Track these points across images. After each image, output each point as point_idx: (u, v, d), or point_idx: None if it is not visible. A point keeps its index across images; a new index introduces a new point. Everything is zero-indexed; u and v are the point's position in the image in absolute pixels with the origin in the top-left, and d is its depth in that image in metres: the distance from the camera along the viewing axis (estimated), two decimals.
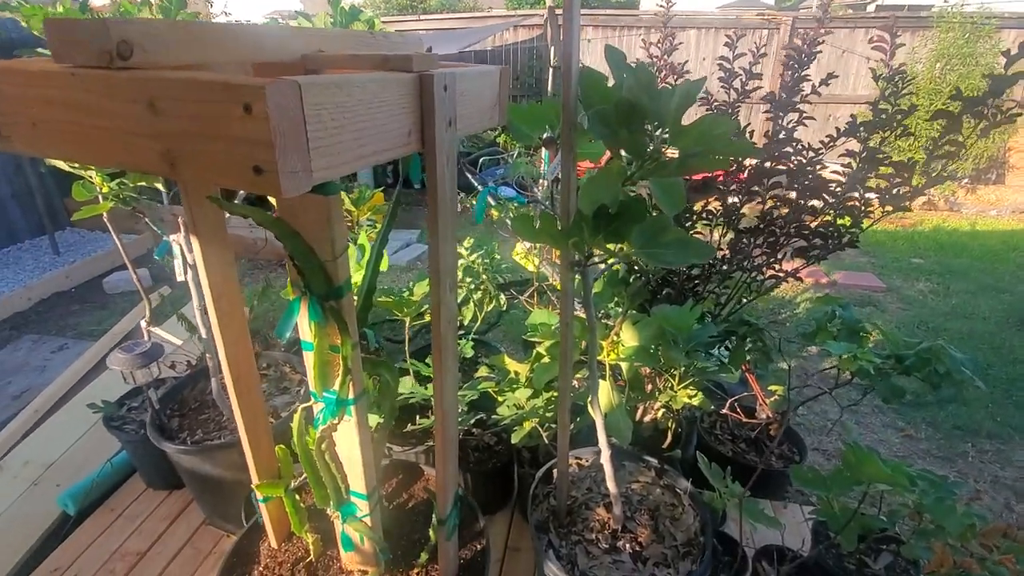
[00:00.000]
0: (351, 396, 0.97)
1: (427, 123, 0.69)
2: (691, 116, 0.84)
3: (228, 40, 0.64)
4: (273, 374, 2.06)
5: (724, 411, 1.86)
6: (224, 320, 1.10)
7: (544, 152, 3.99)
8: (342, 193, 2.14)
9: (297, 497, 1.21)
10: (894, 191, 1.25)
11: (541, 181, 3.05)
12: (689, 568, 1.29)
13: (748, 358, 1.57)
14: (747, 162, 1.52)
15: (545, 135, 1.14)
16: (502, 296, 2.31)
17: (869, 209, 1.41)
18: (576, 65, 0.92)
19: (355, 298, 1.03)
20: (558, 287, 2.63)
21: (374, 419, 1.20)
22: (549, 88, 6.41)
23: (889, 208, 1.26)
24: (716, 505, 1.36)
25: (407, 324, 1.79)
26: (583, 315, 1.18)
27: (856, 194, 1.42)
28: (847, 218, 1.45)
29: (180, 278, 1.59)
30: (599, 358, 1.58)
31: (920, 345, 1.56)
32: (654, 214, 0.98)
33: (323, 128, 0.51)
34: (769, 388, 1.90)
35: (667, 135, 0.97)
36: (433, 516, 1.19)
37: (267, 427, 1.25)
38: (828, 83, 1.33)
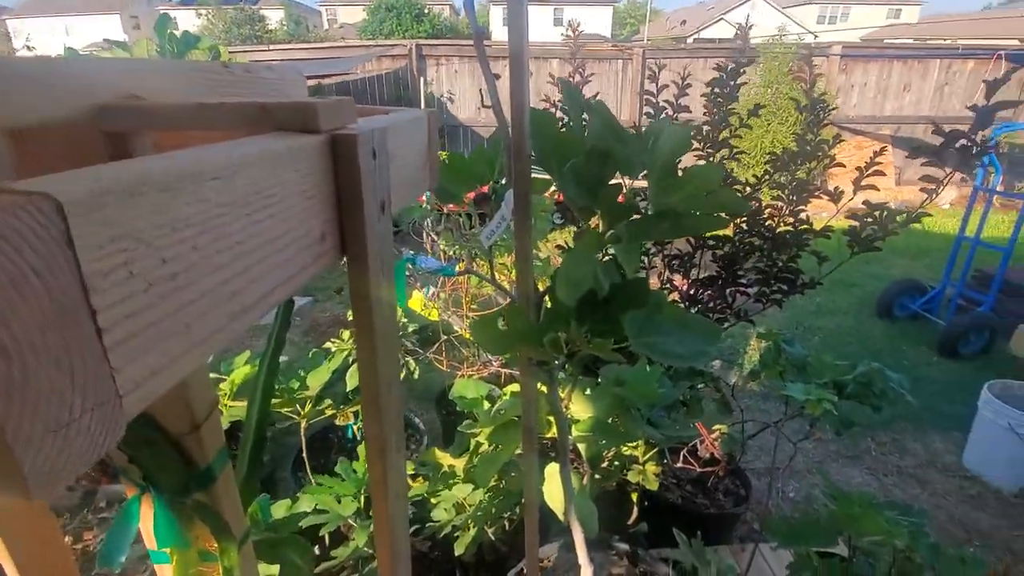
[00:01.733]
0: None
1: (350, 216, 0.41)
2: None
3: None
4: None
5: (679, 464, 1.72)
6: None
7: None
8: None
9: None
10: (863, 233, 1.19)
11: (428, 220, 2.78)
12: None
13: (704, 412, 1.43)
14: None
15: (476, 192, 0.89)
16: (412, 361, 1.99)
17: (805, 238, 1.35)
18: (527, 109, 0.70)
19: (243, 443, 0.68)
20: (466, 336, 2.37)
21: None
22: None
23: (857, 250, 1.21)
24: None
25: (303, 427, 1.41)
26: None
27: (790, 227, 1.36)
28: (783, 254, 1.38)
29: None
30: (548, 435, 1.35)
31: (857, 370, 1.54)
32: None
33: (136, 294, 0.22)
34: (713, 427, 1.80)
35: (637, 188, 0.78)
36: None
37: None
38: (759, 114, 1.27)
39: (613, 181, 0.74)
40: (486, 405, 1.47)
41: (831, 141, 1.25)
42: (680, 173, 0.70)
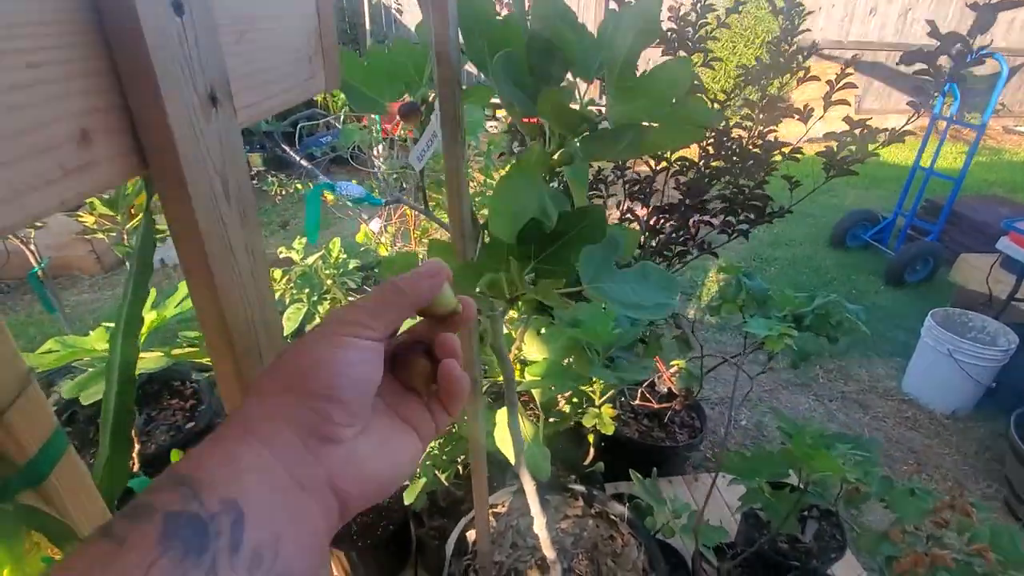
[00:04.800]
0: None
1: (144, 107, 0.26)
2: None
3: None
4: None
5: (637, 401, 1.69)
6: None
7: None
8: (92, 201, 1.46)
9: None
10: (841, 153, 1.09)
11: (377, 148, 2.55)
12: None
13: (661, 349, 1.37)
14: None
15: (404, 101, 0.73)
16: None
17: (772, 166, 1.25)
18: None
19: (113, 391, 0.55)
20: None
21: None
22: (368, 32, 5.66)
23: (832, 173, 1.11)
24: (665, 534, 1.16)
25: None
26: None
27: (758, 151, 1.25)
28: (746, 180, 1.28)
29: None
30: (499, 378, 1.27)
31: (816, 302, 1.51)
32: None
33: None
34: (671, 363, 1.77)
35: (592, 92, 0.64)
36: None
37: None
38: (739, 11, 1.12)
39: (564, 85, 0.60)
40: None
41: (803, 56, 1.12)
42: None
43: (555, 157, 0.61)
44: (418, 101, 0.72)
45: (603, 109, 0.60)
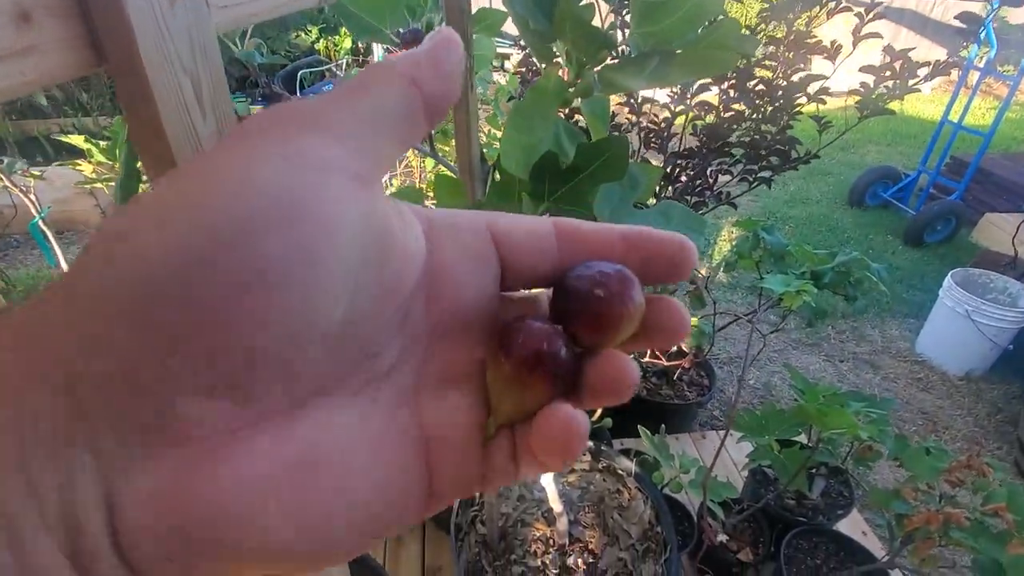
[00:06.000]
0: None
1: None
2: None
3: None
4: None
5: (646, 359, 1.67)
6: None
7: (378, 54, 3.22)
8: (88, 141, 1.42)
9: None
10: (876, 90, 1.02)
11: None
12: (654, 571, 1.09)
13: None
14: None
15: (406, 28, 0.67)
16: None
17: (797, 110, 1.18)
18: None
19: None
20: None
21: None
22: None
23: (865, 113, 1.04)
24: (673, 489, 1.15)
25: None
26: None
27: (780, 92, 1.18)
28: (769, 126, 1.21)
29: None
30: None
31: (838, 258, 1.46)
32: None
33: None
34: None
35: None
36: None
37: None
38: None
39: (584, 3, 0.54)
40: None
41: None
42: None
43: (572, 90, 0.56)
44: (422, 28, 0.66)
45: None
